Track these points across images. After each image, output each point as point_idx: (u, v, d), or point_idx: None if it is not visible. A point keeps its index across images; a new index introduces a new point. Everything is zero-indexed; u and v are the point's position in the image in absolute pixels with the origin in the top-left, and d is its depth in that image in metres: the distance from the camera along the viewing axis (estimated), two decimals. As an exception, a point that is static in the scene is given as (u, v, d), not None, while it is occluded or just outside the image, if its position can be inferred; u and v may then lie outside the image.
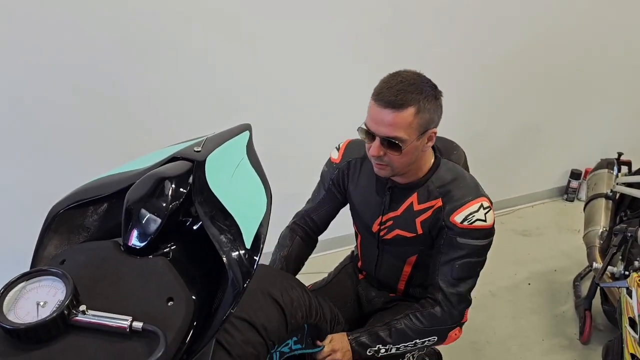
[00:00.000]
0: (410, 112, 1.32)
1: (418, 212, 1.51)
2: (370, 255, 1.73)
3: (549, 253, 3.03)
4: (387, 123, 1.33)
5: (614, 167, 2.28)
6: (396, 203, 1.55)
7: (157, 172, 0.88)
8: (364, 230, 1.69)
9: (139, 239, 0.84)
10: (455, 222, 1.43)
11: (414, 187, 1.51)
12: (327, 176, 1.71)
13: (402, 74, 1.36)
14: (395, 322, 1.54)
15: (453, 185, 1.48)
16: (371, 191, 1.60)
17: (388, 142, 1.36)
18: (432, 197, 1.49)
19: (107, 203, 0.95)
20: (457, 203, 1.44)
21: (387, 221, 1.58)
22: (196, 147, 0.95)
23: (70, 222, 0.94)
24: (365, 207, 1.63)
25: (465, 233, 1.43)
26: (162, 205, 0.85)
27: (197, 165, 0.91)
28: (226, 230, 0.83)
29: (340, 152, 1.68)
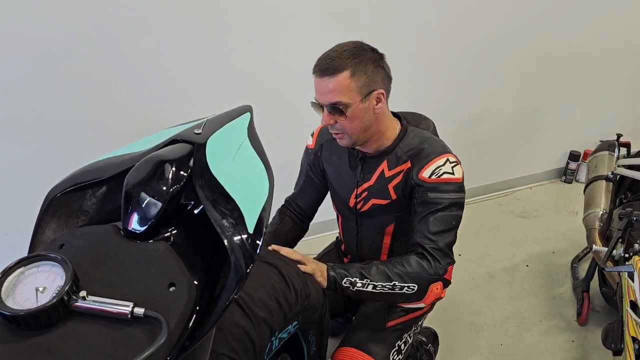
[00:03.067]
0: (345, 75, 1.36)
1: (389, 178, 1.55)
2: (350, 233, 1.76)
3: (547, 235, 3.03)
4: (326, 90, 1.37)
5: (615, 149, 2.27)
6: (368, 173, 1.58)
7: (157, 155, 0.86)
8: (343, 207, 1.72)
9: (139, 223, 0.83)
10: (424, 178, 1.47)
11: (383, 154, 1.55)
12: (305, 162, 1.77)
13: (339, 45, 1.41)
14: (378, 262, 1.49)
15: (420, 147, 1.52)
16: (344, 167, 1.64)
17: (333, 109, 1.39)
18: (401, 162, 1.52)
19: (106, 186, 0.94)
20: (424, 161, 1.48)
21: (362, 192, 1.61)
22: (196, 129, 0.93)
23: (69, 206, 0.93)
24: (341, 183, 1.67)
25: (435, 187, 1.47)
26: (163, 188, 0.84)
27: (197, 148, 0.89)
28: (228, 214, 0.82)
29: (314, 137, 1.73)
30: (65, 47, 1.93)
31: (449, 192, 1.47)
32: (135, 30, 2.01)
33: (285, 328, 1.33)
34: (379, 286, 1.45)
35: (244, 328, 1.14)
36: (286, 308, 1.28)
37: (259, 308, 1.19)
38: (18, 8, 1.81)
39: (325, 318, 1.50)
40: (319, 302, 1.44)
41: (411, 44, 2.54)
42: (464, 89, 2.86)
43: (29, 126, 2.01)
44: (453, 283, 1.60)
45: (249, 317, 1.17)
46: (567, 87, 3.25)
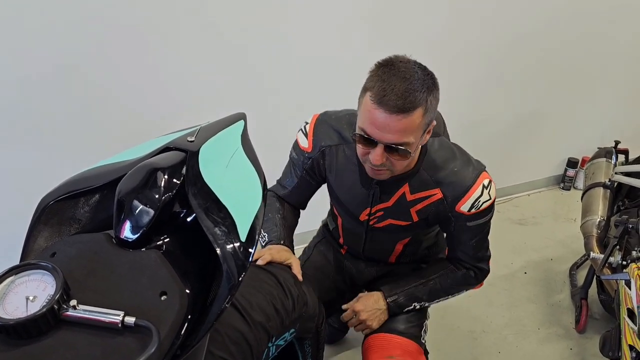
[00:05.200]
0: (419, 113, 1.19)
1: (412, 202, 1.43)
2: (354, 237, 1.66)
3: (545, 242, 3.03)
4: (395, 130, 1.18)
5: (612, 156, 2.27)
6: (386, 195, 1.45)
7: (150, 162, 0.86)
8: (349, 217, 1.59)
9: (131, 231, 0.82)
10: (463, 212, 1.39)
11: (405, 178, 1.40)
12: (299, 165, 1.56)
13: (400, 67, 1.19)
14: (431, 282, 1.55)
15: (447, 170, 1.39)
16: (355, 184, 1.48)
17: (393, 149, 1.23)
18: (427, 187, 1.40)
19: (98, 194, 0.93)
20: (459, 191, 1.37)
21: (377, 212, 1.50)
22: (189, 136, 0.93)
23: (61, 214, 0.92)
24: (350, 198, 1.52)
25: (474, 217, 1.40)
26: (155, 196, 0.83)
27: (190, 156, 0.89)
28: (220, 222, 0.82)
29: (310, 139, 1.50)
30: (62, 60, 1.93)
31: (487, 215, 1.43)
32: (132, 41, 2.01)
33: (282, 335, 1.32)
34: (433, 302, 1.58)
35: (241, 332, 1.14)
36: (283, 314, 1.28)
37: (257, 312, 1.19)
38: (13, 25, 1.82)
39: (322, 328, 1.49)
40: (315, 311, 1.44)
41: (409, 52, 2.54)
42: (461, 96, 2.87)
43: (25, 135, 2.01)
44: (451, 290, 1.61)
45: (247, 321, 1.17)
46: (565, 94, 3.25)
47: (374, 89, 1.18)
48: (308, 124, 1.51)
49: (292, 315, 1.30)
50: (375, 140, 1.22)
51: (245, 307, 1.17)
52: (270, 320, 1.21)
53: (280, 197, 1.66)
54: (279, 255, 1.42)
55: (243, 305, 1.17)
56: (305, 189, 1.62)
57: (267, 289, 1.27)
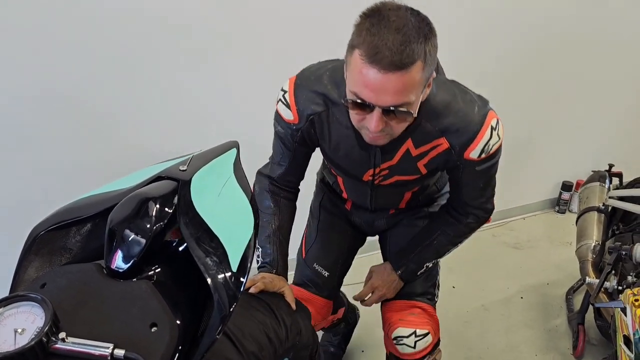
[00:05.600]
0: (418, 67, 1.03)
1: (418, 156, 1.32)
2: (360, 193, 1.58)
3: (541, 266, 3.02)
4: (393, 90, 1.03)
5: (606, 180, 2.28)
6: (388, 154, 1.32)
7: (141, 192, 0.86)
8: (350, 178, 1.50)
9: (122, 261, 0.82)
10: (472, 159, 1.28)
11: (406, 134, 1.25)
12: (289, 138, 1.41)
13: (391, 17, 1.02)
14: (435, 241, 1.53)
15: (450, 116, 1.24)
16: (352, 147, 1.34)
17: (393, 112, 1.08)
18: (432, 138, 1.27)
19: (90, 223, 0.93)
20: (467, 138, 1.24)
21: (382, 171, 1.39)
22: (182, 165, 0.93)
23: (52, 244, 0.92)
24: (349, 162, 1.40)
25: (484, 161, 1.30)
26: (147, 226, 0.83)
27: (182, 185, 0.89)
28: (212, 252, 0.81)
29: (293, 110, 1.33)
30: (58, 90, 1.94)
31: (496, 157, 1.32)
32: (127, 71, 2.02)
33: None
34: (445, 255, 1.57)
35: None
36: (276, 343, 1.27)
37: (249, 342, 1.18)
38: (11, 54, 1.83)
39: (316, 356, 1.48)
40: (309, 340, 1.42)
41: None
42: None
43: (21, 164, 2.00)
44: (447, 316, 1.61)
45: (239, 351, 1.16)
46: (558, 118, 3.28)
47: (363, 46, 1.02)
48: (287, 92, 1.33)
49: (286, 344, 1.29)
50: (371, 104, 1.07)
51: (237, 336, 1.15)
52: (263, 350, 1.20)
53: (275, 185, 1.53)
54: (272, 284, 1.40)
55: (235, 334, 1.16)
56: (302, 159, 1.50)
57: (260, 318, 1.26)
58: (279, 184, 1.54)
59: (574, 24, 2.95)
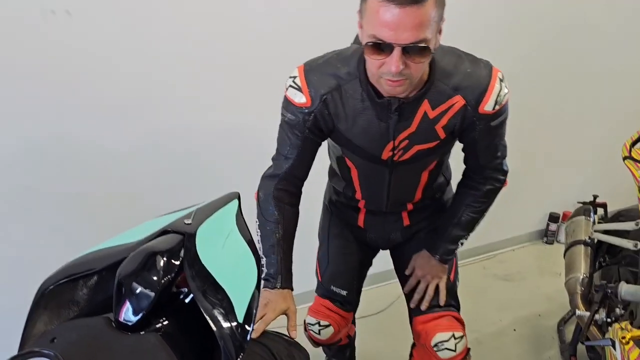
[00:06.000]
0: (431, 3, 1.08)
1: (436, 118, 1.34)
2: (375, 184, 1.55)
3: (532, 297, 3.05)
4: (411, 26, 1.07)
5: (591, 213, 2.34)
6: (406, 120, 1.33)
7: (149, 246, 0.89)
8: (367, 162, 1.47)
9: (131, 314, 0.85)
10: (487, 112, 1.32)
11: (422, 94, 1.30)
12: (300, 125, 1.38)
13: None
14: (462, 217, 1.57)
15: (461, 74, 1.31)
16: (370, 121, 1.35)
17: (412, 49, 1.11)
18: (447, 97, 1.31)
19: (97, 276, 0.96)
20: (479, 91, 1.30)
21: (401, 142, 1.38)
22: (186, 219, 0.97)
23: (60, 297, 0.94)
24: (368, 139, 1.39)
25: (498, 114, 1.35)
26: (154, 279, 0.86)
27: (188, 238, 0.93)
28: (218, 303, 0.85)
29: (305, 92, 1.34)
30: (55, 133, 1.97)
31: (506, 110, 1.38)
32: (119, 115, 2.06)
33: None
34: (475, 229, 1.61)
35: None
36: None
37: None
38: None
39: None
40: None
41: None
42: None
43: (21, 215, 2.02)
44: (441, 353, 1.62)
45: None
46: (543, 150, 3.35)
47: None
48: (296, 77, 1.35)
49: None
50: (390, 43, 1.10)
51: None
52: None
53: (280, 188, 1.48)
54: (275, 311, 1.38)
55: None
56: (309, 151, 1.46)
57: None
58: (285, 182, 1.49)
59: (559, 54, 3.04)
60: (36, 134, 1.94)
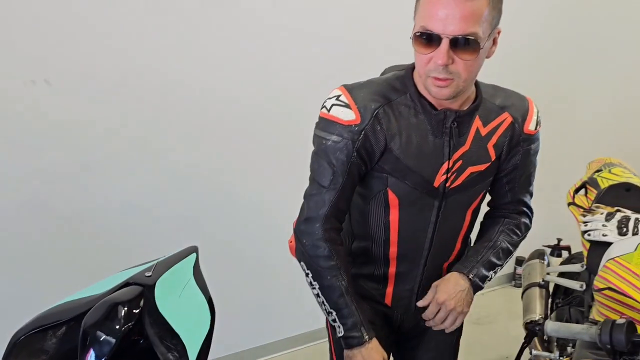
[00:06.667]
0: (484, 1, 1.10)
1: (487, 135, 1.31)
2: (420, 226, 1.36)
3: (500, 340, 3.12)
4: (459, 17, 1.07)
5: (545, 256, 2.47)
6: (461, 136, 1.28)
7: (111, 298, 1.00)
8: (416, 192, 1.31)
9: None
10: (531, 132, 1.34)
11: (474, 109, 1.28)
12: (347, 147, 1.24)
13: None
14: (498, 242, 1.41)
15: (503, 95, 1.35)
16: (425, 137, 1.26)
17: (460, 42, 1.10)
18: (496, 115, 1.32)
19: (65, 327, 1.05)
20: (523, 110, 1.34)
21: (455, 163, 1.30)
22: (147, 272, 1.08)
23: (31, 346, 1.03)
24: (422, 159, 1.27)
25: (537, 138, 1.37)
26: (116, 327, 0.96)
27: (147, 289, 1.03)
28: (173, 348, 0.95)
29: (354, 107, 1.23)
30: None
31: (539, 136, 1.39)
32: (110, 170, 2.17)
33: None
34: (506, 262, 1.44)
35: None
36: None
37: None
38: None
39: None
40: None
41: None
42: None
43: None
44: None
45: None
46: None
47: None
48: (340, 95, 1.25)
49: None
50: (438, 34, 1.09)
51: None
52: None
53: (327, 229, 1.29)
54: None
55: None
56: (354, 181, 1.30)
57: None
58: (332, 220, 1.30)
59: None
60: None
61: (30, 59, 1.94)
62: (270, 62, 2.40)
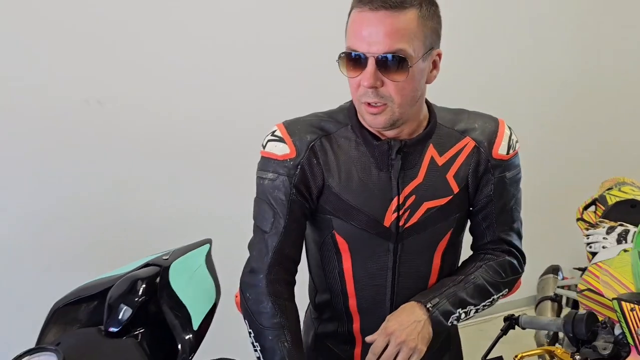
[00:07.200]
0: (413, 16, 0.99)
1: (445, 165, 1.16)
2: (377, 275, 1.20)
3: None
4: (384, 32, 0.97)
5: (559, 272, 2.53)
6: (411, 168, 1.14)
7: (132, 275, 1.20)
8: (366, 234, 1.17)
9: (115, 325, 1.13)
10: (502, 156, 1.17)
11: (426, 137, 1.14)
12: (284, 184, 1.14)
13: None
14: (472, 277, 1.20)
15: (464, 119, 1.19)
16: (367, 170, 1.14)
17: (388, 61, 0.99)
18: (455, 140, 1.16)
19: (95, 301, 1.25)
20: (490, 132, 1.17)
21: (408, 198, 1.14)
22: (164, 255, 1.27)
23: (67, 315, 1.23)
24: (366, 195, 1.14)
25: (511, 164, 1.19)
26: (134, 299, 1.15)
27: (163, 270, 1.22)
28: (180, 317, 1.13)
29: (288, 141, 1.14)
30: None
31: (518, 161, 1.23)
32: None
33: None
34: (480, 307, 1.21)
35: None
36: None
37: None
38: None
39: None
40: None
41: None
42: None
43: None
44: None
45: None
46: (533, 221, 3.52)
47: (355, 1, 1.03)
48: (276, 130, 1.17)
49: None
50: (363, 54, 1.00)
51: None
52: None
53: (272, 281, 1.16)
54: None
55: None
56: (299, 222, 1.18)
57: None
58: (277, 269, 1.17)
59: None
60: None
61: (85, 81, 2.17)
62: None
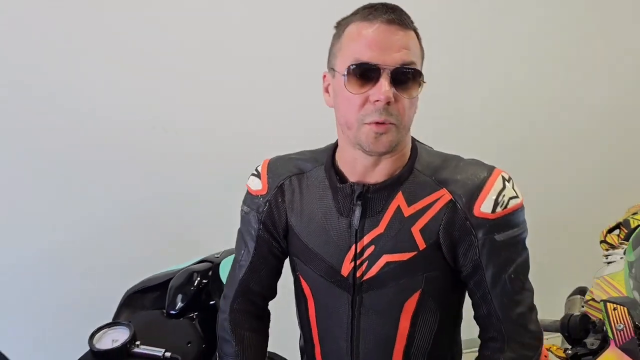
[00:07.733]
0: (415, 37, 0.96)
1: (412, 217, 1.01)
2: (336, 325, 1.10)
3: None
4: (400, 45, 0.91)
5: (586, 293, 2.61)
6: (373, 215, 1.03)
7: (189, 268, 1.46)
8: (324, 283, 1.09)
9: (174, 309, 1.38)
10: (486, 215, 0.97)
11: (396, 183, 1.02)
12: (254, 218, 1.14)
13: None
14: None
15: (450, 168, 1.02)
16: (328, 213, 1.06)
17: (405, 73, 0.92)
18: (429, 191, 1.01)
19: (160, 290, 1.50)
20: (472, 186, 0.98)
21: (366, 248, 1.04)
22: (216, 254, 1.52)
23: (135, 302, 1.49)
24: (323, 240, 1.07)
25: (501, 224, 0.98)
26: (190, 288, 1.41)
27: (215, 266, 1.47)
28: (227, 304, 1.36)
29: (264, 179, 1.13)
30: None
31: (520, 221, 1.01)
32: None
33: None
34: None
35: None
36: None
37: None
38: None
39: None
40: None
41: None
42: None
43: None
44: None
45: None
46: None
47: (356, 16, 0.96)
48: (259, 165, 1.17)
49: None
50: (378, 66, 0.91)
51: None
52: None
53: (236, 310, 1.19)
54: None
55: None
56: (265, 259, 1.17)
57: None
58: (240, 300, 1.19)
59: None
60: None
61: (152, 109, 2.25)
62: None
